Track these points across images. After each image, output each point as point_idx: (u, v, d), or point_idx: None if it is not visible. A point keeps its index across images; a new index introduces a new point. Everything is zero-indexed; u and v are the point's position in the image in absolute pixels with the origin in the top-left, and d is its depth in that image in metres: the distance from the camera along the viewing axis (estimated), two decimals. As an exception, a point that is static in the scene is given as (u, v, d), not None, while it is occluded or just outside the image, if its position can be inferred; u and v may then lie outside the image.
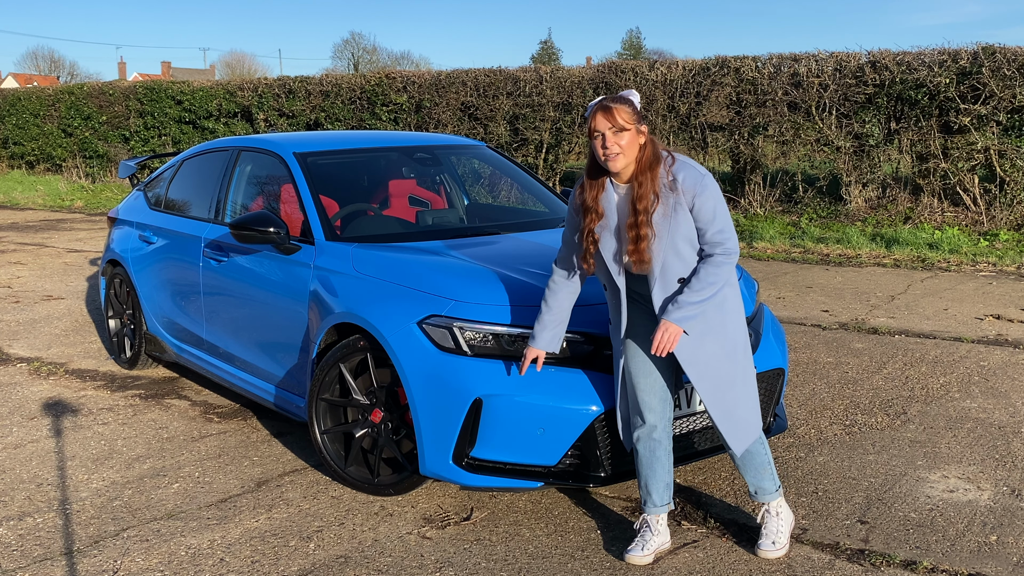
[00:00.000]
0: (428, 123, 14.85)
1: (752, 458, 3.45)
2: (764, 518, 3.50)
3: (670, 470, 3.48)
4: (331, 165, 5.11)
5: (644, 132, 3.24)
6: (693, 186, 3.17)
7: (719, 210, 3.20)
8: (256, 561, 3.50)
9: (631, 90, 3.30)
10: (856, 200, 11.66)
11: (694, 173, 3.19)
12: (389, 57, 70.73)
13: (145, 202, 6.27)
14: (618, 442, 3.64)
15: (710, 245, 3.22)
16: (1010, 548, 3.50)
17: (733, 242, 3.22)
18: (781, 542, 3.46)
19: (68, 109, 20.00)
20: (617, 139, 3.18)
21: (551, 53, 65.86)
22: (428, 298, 3.80)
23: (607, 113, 3.18)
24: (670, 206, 3.17)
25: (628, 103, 3.22)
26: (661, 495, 3.47)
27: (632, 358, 3.41)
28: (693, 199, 3.17)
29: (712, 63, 12.47)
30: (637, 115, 3.22)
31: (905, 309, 7.52)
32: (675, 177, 3.19)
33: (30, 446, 4.78)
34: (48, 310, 8.08)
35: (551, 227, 5.01)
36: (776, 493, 3.49)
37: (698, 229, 3.21)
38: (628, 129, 3.18)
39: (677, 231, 3.18)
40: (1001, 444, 4.55)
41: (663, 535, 3.49)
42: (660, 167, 3.20)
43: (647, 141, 3.24)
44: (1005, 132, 10.50)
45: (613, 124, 3.17)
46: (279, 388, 4.66)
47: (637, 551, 3.43)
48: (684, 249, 3.21)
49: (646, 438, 3.43)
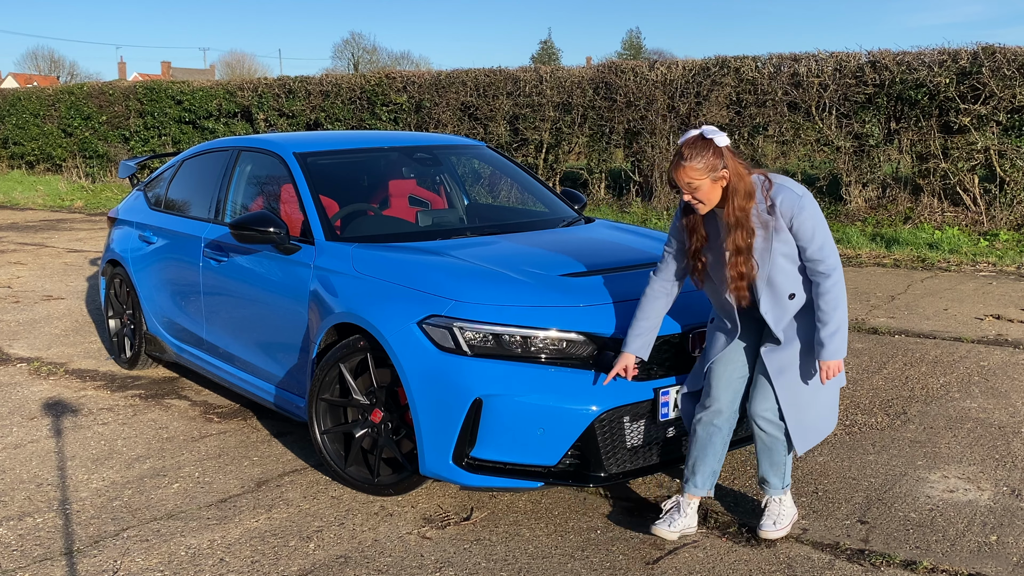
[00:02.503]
0: (428, 123, 14.85)
1: (772, 455, 3.53)
2: (767, 503, 3.61)
3: (721, 459, 3.59)
4: (331, 165, 5.12)
5: (725, 177, 3.26)
6: (791, 208, 3.26)
7: (818, 228, 3.29)
8: (256, 561, 3.50)
9: (708, 128, 3.29)
10: (856, 200, 11.66)
11: (791, 195, 3.27)
12: (389, 57, 70.75)
13: (145, 202, 6.27)
14: (618, 442, 3.64)
15: (811, 262, 3.32)
16: (1010, 548, 3.50)
17: (835, 257, 3.32)
18: (782, 523, 3.55)
19: (68, 109, 20.00)
20: (693, 192, 3.27)
21: (551, 53, 65.83)
22: (428, 298, 3.80)
23: (677, 171, 3.26)
24: (770, 231, 3.28)
25: (698, 158, 3.22)
26: (705, 479, 3.59)
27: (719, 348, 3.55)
28: (791, 220, 3.27)
29: (712, 63, 12.47)
30: (710, 164, 3.22)
31: (905, 309, 7.52)
32: (773, 202, 3.27)
33: (30, 446, 4.78)
34: (48, 310, 8.08)
35: (551, 227, 5.01)
36: (780, 491, 3.57)
37: (799, 247, 3.31)
38: (699, 186, 3.25)
39: (779, 251, 3.30)
40: (1001, 444, 4.55)
41: (691, 518, 3.60)
42: (753, 201, 3.27)
43: (733, 180, 3.26)
44: (1005, 132, 10.50)
45: (682, 183, 3.26)
46: (279, 388, 4.66)
47: (664, 526, 3.56)
48: (786, 266, 3.33)
49: (707, 422, 3.55)
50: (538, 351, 3.65)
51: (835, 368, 3.36)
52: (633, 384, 3.66)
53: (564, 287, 3.85)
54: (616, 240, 4.76)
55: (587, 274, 4.00)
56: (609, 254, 4.34)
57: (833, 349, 3.32)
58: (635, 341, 3.56)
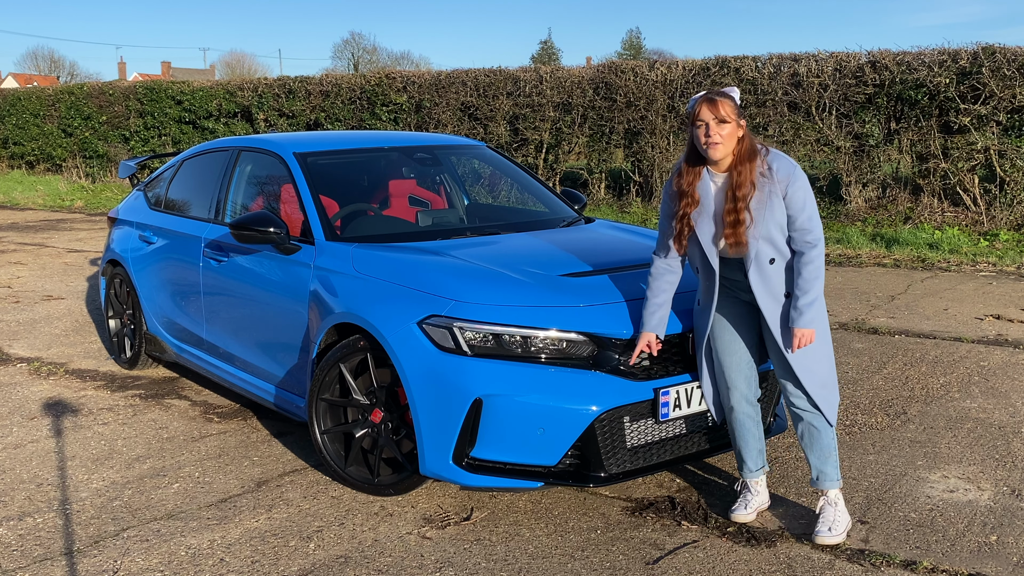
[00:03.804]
0: (428, 123, 14.85)
1: (820, 438, 3.59)
2: (822, 507, 3.62)
3: (760, 437, 3.75)
4: (331, 165, 5.11)
5: (743, 127, 3.47)
6: (787, 175, 3.43)
7: (808, 199, 3.46)
8: (256, 561, 3.50)
9: (732, 87, 3.52)
10: (856, 200, 11.66)
11: (787, 164, 3.47)
12: (389, 57, 70.75)
13: (145, 202, 6.27)
14: (618, 442, 3.64)
15: (800, 232, 3.45)
16: (1010, 548, 3.50)
17: (819, 230, 3.48)
18: (838, 529, 3.55)
19: (68, 109, 20.00)
20: (719, 129, 3.41)
21: (551, 53, 65.81)
22: (428, 298, 3.80)
23: (712, 104, 3.41)
24: (765, 193, 3.43)
25: (731, 98, 3.45)
26: (755, 460, 3.75)
27: (718, 338, 3.67)
28: (787, 187, 3.43)
29: (712, 63, 12.47)
30: (738, 110, 3.46)
31: (905, 309, 7.52)
32: (770, 166, 3.45)
33: (30, 446, 4.78)
34: (48, 310, 8.08)
35: (551, 227, 5.01)
36: (836, 482, 3.62)
37: (789, 216, 3.45)
38: (729, 122, 3.41)
39: (772, 217, 3.43)
40: (1001, 444, 4.55)
41: (763, 495, 3.80)
42: (757, 159, 3.46)
43: (745, 135, 3.48)
44: (1005, 132, 10.50)
45: (716, 115, 3.41)
46: (279, 388, 4.66)
47: (741, 510, 3.75)
48: (775, 235, 3.45)
49: (737, 410, 3.69)
50: (538, 351, 3.65)
51: (808, 336, 3.47)
52: (633, 384, 3.66)
53: (564, 287, 3.85)
54: (616, 240, 4.77)
55: (587, 274, 4.00)
56: (609, 254, 4.34)
57: (809, 318, 3.44)
58: (651, 319, 3.66)
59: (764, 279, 3.49)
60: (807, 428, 3.60)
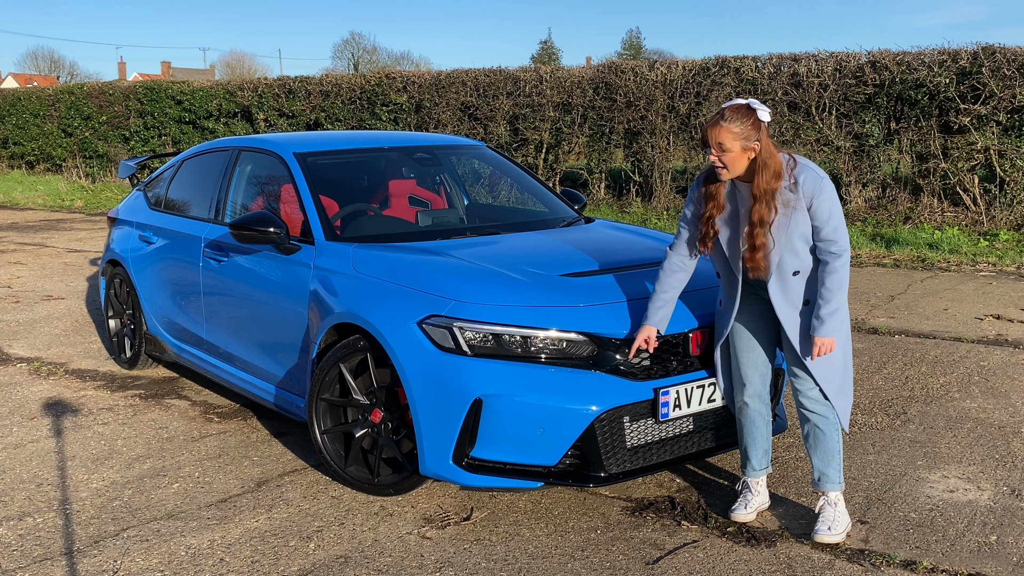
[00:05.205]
0: (428, 123, 14.85)
1: (826, 440, 3.59)
2: (822, 507, 3.63)
3: (768, 437, 3.78)
4: (331, 165, 5.11)
5: (755, 149, 3.37)
6: (812, 188, 3.38)
7: (834, 211, 3.41)
8: (256, 561, 3.50)
9: (753, 100, 3.41)
10: (856, 200, 11.66)
11: (814, 176, 3.40)
12: (389, 57, 70.76)
13: (145, 202, 6.27)
14: (618, 442, 3.64)
15: (825, 242, 3.42)
16: (1010, 548, 3.50)
17: (845, 240, 3.44)
18: (837, 529, 3.56)
19: (68, 109, 20.00)
20: (721, 155, 3.38)
21: (551, 53, 65.81)
22: (428, 298, 3.80)
23: (713, 129, 3.38)
24: (790, 209, 3.38)
25: (737, 122, 3.34)
26: (759, 460, 3.78)
27: (737, 335, 3.68)
28: (812, 200, 3.38)
29: (712, 63, 12.47)
30: (745, 133, 3.34)
31: (905, 309, 7.52)
32: (796, 180, 3.39)
33: (30, 446, 4.78)
34: (48, 310, 8.08)
35: (551, 227, 5.01)
36: (838, 485, 3.62)
37: (814, 227, 3.42)
38: (729, 149, 3.35)
39: (795, 230, 3.40)
40: (1001, 444, 4.55)
41: (763, 496, 3.81)
42: (780, 182, 3.38)
43: (762, 156, 3.37)
44: (1005, 132, 10.50)
45: (714, 142, 3.36)
46: (279, 388, 4.66)
47: (741, 510, 3.76)
48: (799, 246, 3.43)
49: (748, 407, 3.71)
50: (538, 351, 3.65)
51: (829, 345, 3.47)
52: (633, 384, 3.66)
53: (564, 287, 3.85)
54: (616, 240, 4.76)
55: (587, 274, 4.00)
56: (609, 254, 4.34)
57: (831, 327, 3.44)
58: (655, 314, 3.66)
59: (785, 290, 3.48)
60: (813, 430, 3.61)
